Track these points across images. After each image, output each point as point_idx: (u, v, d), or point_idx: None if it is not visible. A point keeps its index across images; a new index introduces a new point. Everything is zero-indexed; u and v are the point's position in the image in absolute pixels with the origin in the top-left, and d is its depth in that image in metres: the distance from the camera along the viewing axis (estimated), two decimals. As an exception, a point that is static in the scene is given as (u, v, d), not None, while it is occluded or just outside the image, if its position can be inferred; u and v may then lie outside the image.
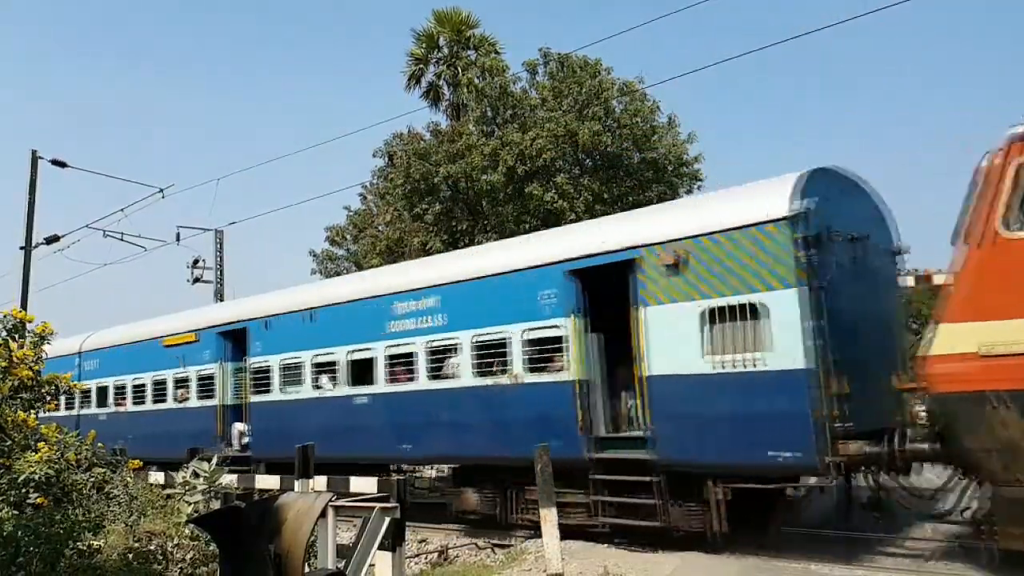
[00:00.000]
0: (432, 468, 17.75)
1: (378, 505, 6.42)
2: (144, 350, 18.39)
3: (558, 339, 10.52)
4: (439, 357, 12.12)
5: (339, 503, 6.84)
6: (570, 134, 21.47)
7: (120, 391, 19.10)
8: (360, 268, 25.14)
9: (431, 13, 27.54)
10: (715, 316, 9.03)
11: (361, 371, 13.34)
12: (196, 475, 8.55)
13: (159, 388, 17.73)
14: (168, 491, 8.71)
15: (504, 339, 11.18)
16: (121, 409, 18.89)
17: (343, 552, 6.42)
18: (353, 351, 13.34)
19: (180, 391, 17.08)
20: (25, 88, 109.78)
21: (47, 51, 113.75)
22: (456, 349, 11.85)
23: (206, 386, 16.39)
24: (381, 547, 6.31)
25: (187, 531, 7.82)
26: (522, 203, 21.86)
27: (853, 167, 10.74)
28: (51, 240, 23.73)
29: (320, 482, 8.17)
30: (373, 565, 6.36)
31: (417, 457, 13.19)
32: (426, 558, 11.15)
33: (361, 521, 6.42)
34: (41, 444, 7.16)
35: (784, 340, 8.46)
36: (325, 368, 13.93)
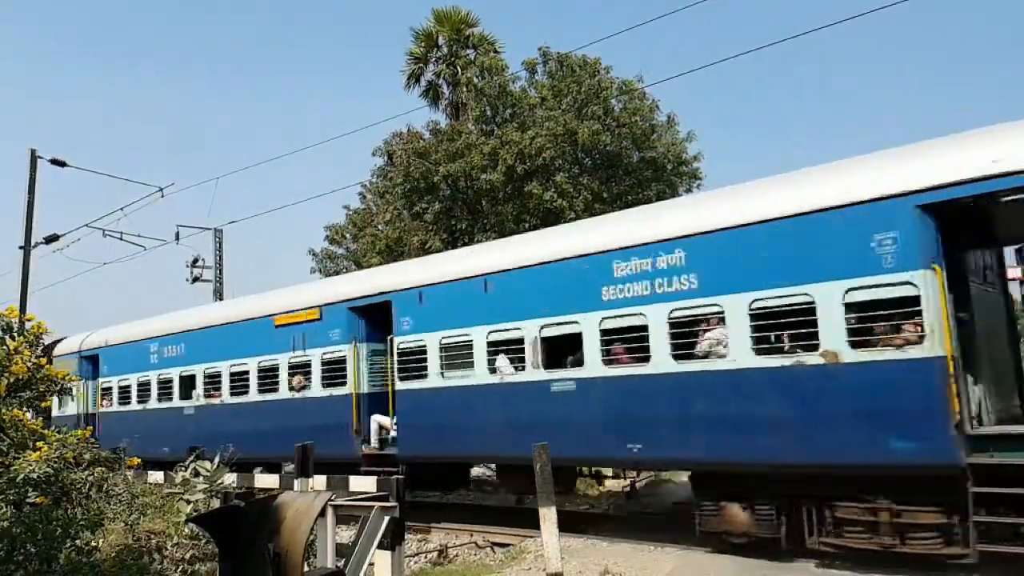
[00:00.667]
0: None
1: (377, 504, 6.40)
2: (247, 331, 15.82)
3: (908, 300, 7.71)
4: (687, 331, 9.45)
5: (338, 502, 6.82)
6: (569, 133, 21.47)
7: (213, 380, 16.56)
8: (360, 267, 25.12)
9: (430, 12, 27.58)
10: None
11: (559, 350, 10.84)
12: (196, 474, 8.57)
13: (268, 375, 15.06)
14: (168, 490, 8.72)
15: (805, 303, 8.37)
16: (214, 401, 16.50)
17: (342, 551, 6.41)
18: (548, 325, 10.67)
19: (296, 378, 14.55)
20: (25, 87, 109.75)
21: (47, 50, 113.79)
22: (716, 320, 9.20)
23: (334, 371, 13.74)
24: (380, 546, 6.29)
25: (187, 530, 7.83)
26: (521, 202, 21.86)
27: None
28: (50, 239, 23.72)
29: (319, 481, 8.17)
30: (372, 564, 6.35)
31: (650, 460, 10.42)
32: (426, 557, 11.15)
33: (360, 520, 6.41)
34: (40, 443, 7.15)
35: None
36: (505, 347, 11.30)
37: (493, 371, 11.34)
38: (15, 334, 7.60)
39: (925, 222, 7.76)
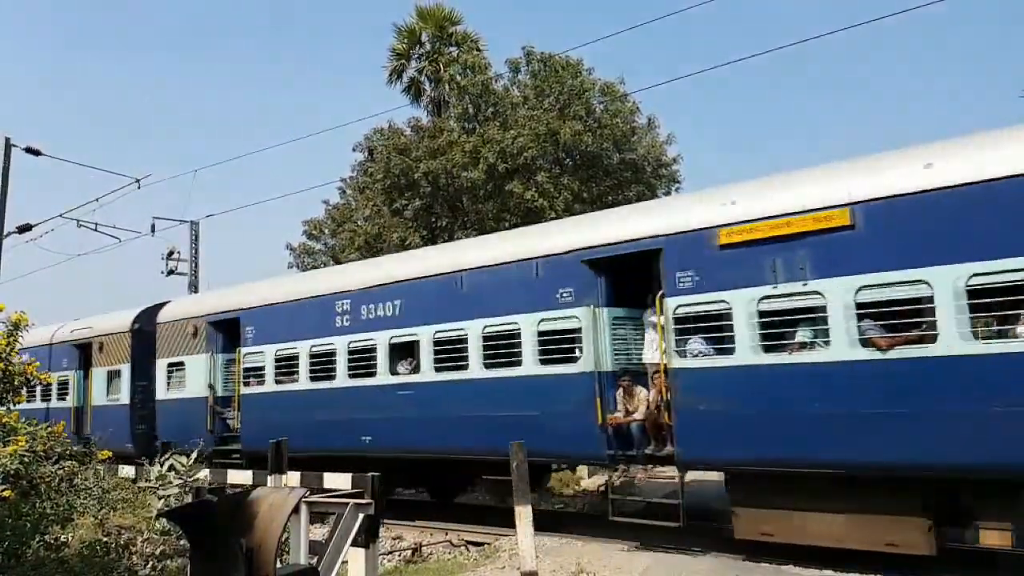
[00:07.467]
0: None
1: (352, 501, 6.38)
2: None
3: None
4: None
5: (313, 499, 6.79)
6: (551, 133, 21.54)
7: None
8: (339, 262, 24.98)
9: (414, 8, 27.51)
10: None
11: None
12: (172, 469, 8.49)
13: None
14: (141, 484, 8.64)
15: None
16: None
17: (316, 548, 6.37)
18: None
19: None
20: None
21: (32, 40, 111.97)
22: None
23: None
24: (354, 544, 6.27)
25: (158, 525, 7.76)
26: (502, 200, 21.90)
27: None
28: (23, 229, 23.37)
29: (293, 477, 8.12)
30: (346, 562, 6.33)
31: None
32: (400, 555, 11.11)
33: (335, 517, 6.39)
34: (21, 438, 7.03)
35: None
36: None
37: None
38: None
39: None
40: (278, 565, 4.38)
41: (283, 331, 14.05)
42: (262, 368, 14.37)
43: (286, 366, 14.00)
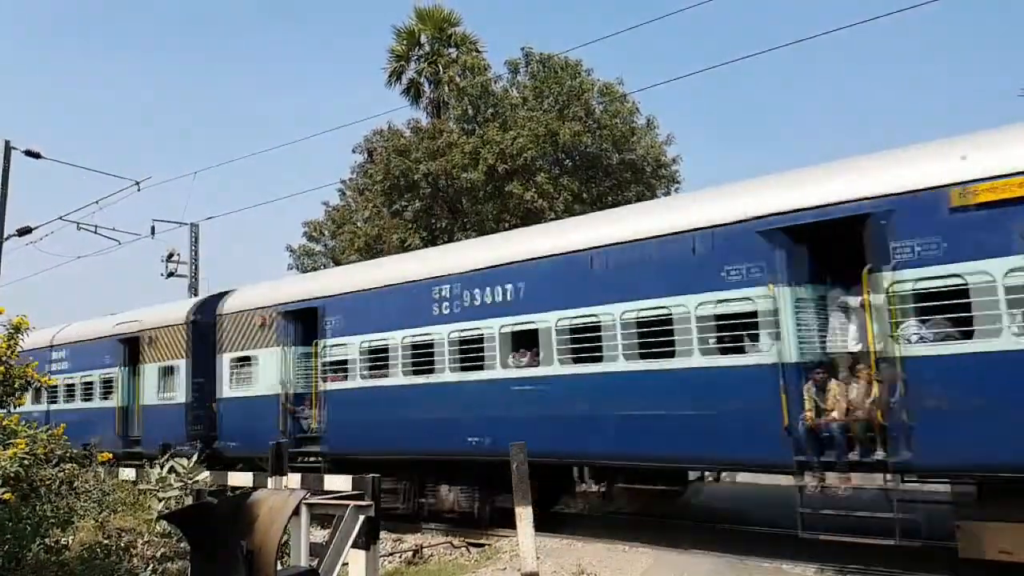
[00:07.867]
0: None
1: (352, 503, 6.38)
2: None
3: None
4: None
5: (313, 501, 6.80)
6: (551, 134, 21.56)
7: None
8: (338, 264, 25.00)
9: (412, 10, 27.51)
10: None
11: None
12: (173, 471, 8.50)
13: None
14: (141, 487, 8.65)
15: None
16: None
17: (316, 550, 6.37)
18: None
19: None
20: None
21: (31, 40, 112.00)
22: None
23: None
24: (355, 545, 6.27)
25: (158, 527, 7.76)
26: (502, 201, 21.92)
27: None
28: (23, 232, 23.37)
29: (294, 479, 8.13)
30: (347, 564, 6.32)
31: None
32: (400, 557, 11.11)
33: (335, 519, 6.38)
34: (21, 441, 7.02)
35: None
36: None
37: None
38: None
39: None
40: (278, 567, 4.38)
41: (371, 321, 12.68)
42: (346, 362, 13.03)
43: (375, 359, 12.65)
